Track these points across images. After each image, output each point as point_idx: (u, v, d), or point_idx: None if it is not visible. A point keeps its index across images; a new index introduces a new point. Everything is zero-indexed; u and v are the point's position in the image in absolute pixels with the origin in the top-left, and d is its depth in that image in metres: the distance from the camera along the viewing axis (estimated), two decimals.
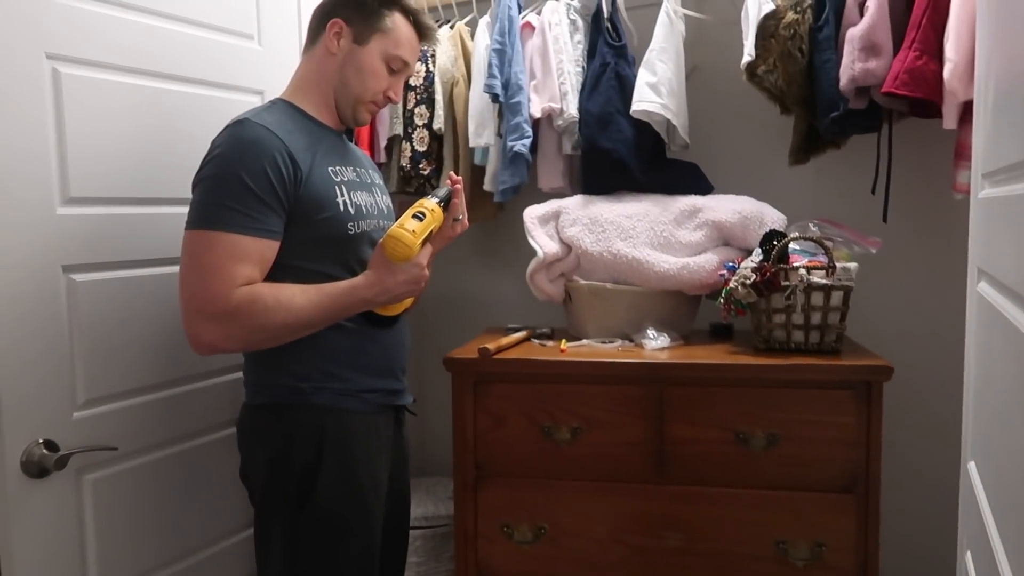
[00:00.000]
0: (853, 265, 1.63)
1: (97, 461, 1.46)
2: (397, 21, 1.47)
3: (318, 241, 1.38)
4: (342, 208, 1.40)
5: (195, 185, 1.34)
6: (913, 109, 1.70)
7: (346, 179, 1.44)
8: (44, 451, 1.35)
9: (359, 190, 1.47)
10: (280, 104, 1.46)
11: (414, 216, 1.40)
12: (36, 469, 1.34)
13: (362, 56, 1.46)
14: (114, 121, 1.49)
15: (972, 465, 1.13)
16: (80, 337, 1.43)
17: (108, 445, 1.46)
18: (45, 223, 1.37)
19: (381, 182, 1.61)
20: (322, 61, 1.47)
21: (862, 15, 1.66)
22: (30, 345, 1.35)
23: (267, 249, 1.32)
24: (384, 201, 1.57)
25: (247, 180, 1.29)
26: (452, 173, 1.63)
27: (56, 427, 1.38)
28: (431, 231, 1.43)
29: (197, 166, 1.35)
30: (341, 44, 1.45)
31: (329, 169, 1.42)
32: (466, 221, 1.55)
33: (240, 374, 1.52)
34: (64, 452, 1.37)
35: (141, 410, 1.55)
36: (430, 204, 1.43)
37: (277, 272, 1.34)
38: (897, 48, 1.62)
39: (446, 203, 1.48)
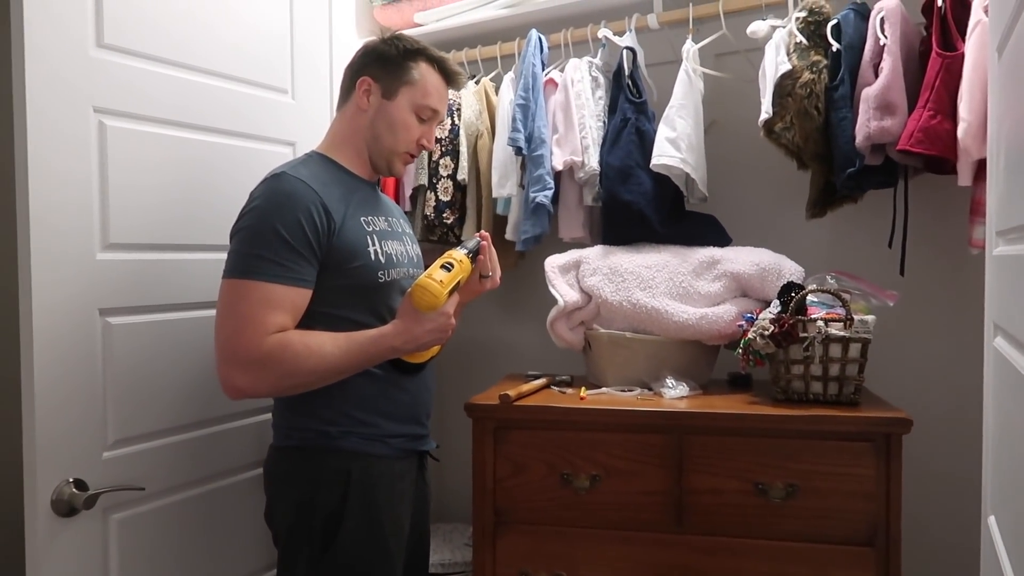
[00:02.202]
0: (871, 318, 1.64)
1: (124, 501, 1.48)
2: (423, 71, 1.51)
3: (349, 289, 1.41)
4: (373, 257, 1.44)
5: (233, 235, 1.38)
6: (928, 165, 1.73)
7: (378, 229, 1.49)
8: (74, 490, 1.38)
9: (390, 239, 1.51)
10: (316, 157, 1.51)
11: (442, 267, 1.42)
12: (65, 508, 1.37)
13: (392, 110, 1.50)
14: (154, 170, 1.55)
15: (992, 520, 1.13)
16: (113, 379, 1.47)
17: (136, 485, 1.48)
18: (85, 267, 1.42)
19: (411, 231, 1.66)
20: (354, 118, 1.52)
21: (876, 75, 1.70)
22: (65, 386, 1.39)
23: (300, 297, 1.36)
24: (414, 250, 1.61)
25: (282, 231, 1.33)
26: (483, 231, 1.66)
27: (86, 467, 1.41)
28: (458, 282, 1.46)
29: (231, 214, 1.41)
30: (371, 101, 1.50)
31: (362, 219, 1.46)
32: (497, 279, 1.58)
33: (265, 416, 1.54)
34: (93, 492, 1.40)
35: (168, 451, 1.58)
36: (459, 255, 1.46)
37: (309, 319, 1.38)
38: (911, 107, 1.65)
39: (474, 255, 1.51)
